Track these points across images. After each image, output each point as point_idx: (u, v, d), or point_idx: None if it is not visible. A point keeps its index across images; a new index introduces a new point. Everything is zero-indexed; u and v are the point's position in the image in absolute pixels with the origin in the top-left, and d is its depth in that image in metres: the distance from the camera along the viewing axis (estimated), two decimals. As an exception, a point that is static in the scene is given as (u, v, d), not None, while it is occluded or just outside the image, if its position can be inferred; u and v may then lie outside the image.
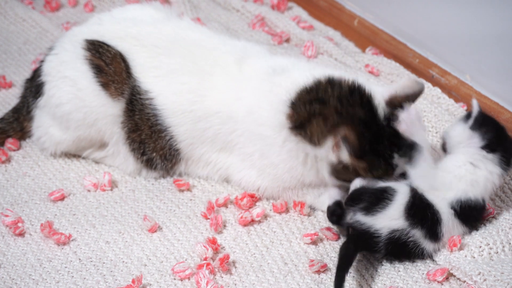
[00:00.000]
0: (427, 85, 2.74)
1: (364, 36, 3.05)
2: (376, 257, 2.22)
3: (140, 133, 2.41)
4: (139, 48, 2.41)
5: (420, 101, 2.66)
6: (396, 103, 2.23)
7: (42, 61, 2.54)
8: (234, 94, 2.35)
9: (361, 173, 2.23)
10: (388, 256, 2.20)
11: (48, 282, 2.19)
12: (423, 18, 2.83)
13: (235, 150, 2.39)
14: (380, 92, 2.25)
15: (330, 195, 2.32)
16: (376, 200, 2.15)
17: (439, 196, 2.17)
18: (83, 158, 2.57)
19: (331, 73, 2.30)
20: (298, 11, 3.30)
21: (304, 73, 2.32)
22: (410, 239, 2.15)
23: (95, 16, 2.56)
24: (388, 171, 2.23)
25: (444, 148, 2.26)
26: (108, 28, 2.46)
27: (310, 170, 2.32)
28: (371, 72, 2.87)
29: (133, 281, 2.14)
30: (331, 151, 2.23)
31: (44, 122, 2.52)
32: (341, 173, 2.26)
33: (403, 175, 2.21)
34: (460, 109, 2.66)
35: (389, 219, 2.14)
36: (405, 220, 2.14)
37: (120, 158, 2.50)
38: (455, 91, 2.74)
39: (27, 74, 2.76)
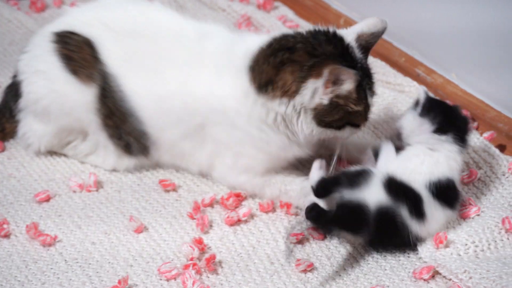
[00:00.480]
0: (413, 84, 2.75)
1: (350, 35, 3.05)
2: (360, 241, 2.21)
3: (115, 118, 2.41)
4: (107, 33, 2.40)
5: (405, 100, 2.67)
6: (363, 42, 2.27)
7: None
8: (194, 72, 2.33)
9: (349, 105, 2.20)
10: (373, 241, 2.19)
11: (33, 283, 2.18)
12: (409, 17, 2.84)
13: (204, 137, 2.37)
14: (347, 33, 2.26)
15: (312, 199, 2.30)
16: (356, 177, 2.17)
17: (413, 180, 2.19)
18: (69, 158, 2.57)
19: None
20: (284, 10, 3.29)
21: (258, 37, 2.32)
22: (396, 217, 2.15)
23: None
24: (368, 111, 2.26)
25: (399, 139, 2.28)
26: (76, 17, 2.47)
27: (282, 134, 2.28)
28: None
29: (119, 282, 2.14)
30: (321, 92, 2.18)
31: (28, 120, 2.53)
32: (326, 114, 2.21)
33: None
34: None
35: (374, 194, 2.15)
36: (388, 196, 2.15)
37: (101, 148, 2.50)
38: (441, 89, 2.74)
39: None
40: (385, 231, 2.18)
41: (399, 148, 2.27)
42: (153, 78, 2.36)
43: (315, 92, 2.19)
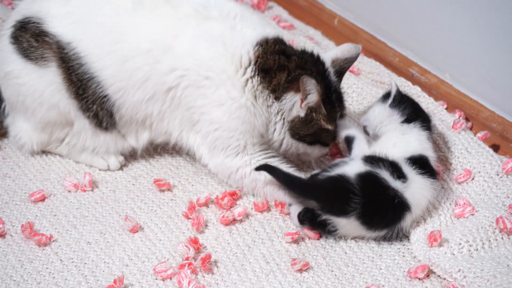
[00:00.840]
0: (407, 84, 2.75)
1: (344, 35, 3.06)
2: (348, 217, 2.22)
3: (82, 91, 2.38)
4: (50, 1, 2.39)
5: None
6: (337, 67, 2.38)
7: None
8: (170, 29, 2.32)
9: (321, 121, 2.32)
10: (365, 214, 2.20)
11: (29, 283, 2.18)
12: (403, 17, 2.84)
13: (179, 101, 2.36)
14: (326, 58, 2.38)
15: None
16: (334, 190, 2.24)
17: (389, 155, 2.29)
18: (63, 158, 2.56)
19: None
20: (278, 10, 3.30)
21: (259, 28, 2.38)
22: (380, 179, 2.20)
23: None
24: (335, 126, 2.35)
25: (366, 132, 2.40)
26: (23, 4, 2.46)
27: (260, 118, 2.34)
28: (351, 71, 2.87)
29: (114, 282, 2.14)
30: (298, 105, 2.31)
31: (17, 122, 2.53)
32: (301, 127, 2.33)
33: None
34: (440, 107, 2.66)
35: (353, 167, 2.23)
36: (366, 164, 2.23)
37: (86, 132, 2.47)
38: (435, 89, 2.75)
39: (7, 74, 2.75)
40: (373, 198, 2.20)
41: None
42: (111, 37, 2.33)
43: (294, 105, 2.32)
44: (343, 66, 2.40)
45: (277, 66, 2.31)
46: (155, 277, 2.19)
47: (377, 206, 2.21)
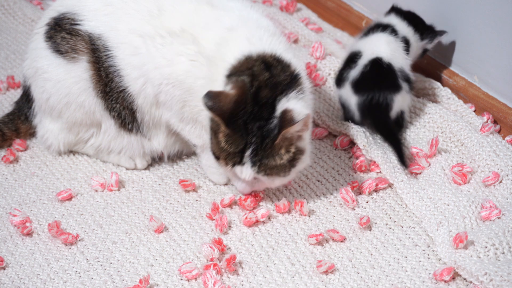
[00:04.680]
0: (437, 85, 2.74)
1: (372, 37, 3.05)
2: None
3: (108, 89, 2.40)
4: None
5: (425, 103, 2.66)
6: None
7: None
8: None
9: (217, 138, 2.22)
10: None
11: (55, 281, 2.19)
12: (430, 19, 2.83)
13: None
14: None
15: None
16: None
17: None
18: (91, 158, 2.58)
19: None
20: (307, 13, 3.29)
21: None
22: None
23: None
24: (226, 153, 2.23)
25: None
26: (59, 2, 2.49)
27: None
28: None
29: (140, 281, 2.15)
30: None
31: (44, 122, 2.55)
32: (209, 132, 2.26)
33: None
34: (468, 110, 2.65)
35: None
36: None
37: (111, 131, 2.49)
38: (463, 92, 2.73)
39: (36, 75, 2.78)
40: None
41: None
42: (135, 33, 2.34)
43: None
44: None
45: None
46: (180, 278, 2.19)
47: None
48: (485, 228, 2.23)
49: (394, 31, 2.63)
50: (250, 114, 2.18)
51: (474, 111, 2.67)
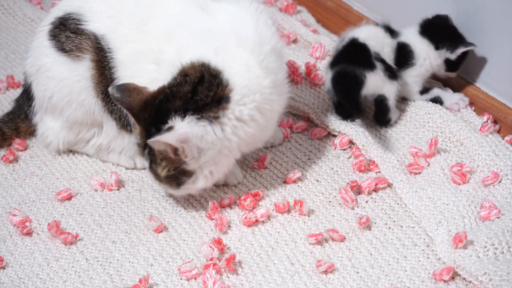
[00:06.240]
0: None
1: (372, 36, 3.05)
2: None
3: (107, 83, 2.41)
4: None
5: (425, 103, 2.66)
6: None
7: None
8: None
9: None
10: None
11: (55, 281, 2.20)
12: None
13: None
14: None
15: None
16: None
17: None
18: (90, 157, 2.58)
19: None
20: (306, 16, 3.28)
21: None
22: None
23: None
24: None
25: None
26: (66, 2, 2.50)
27: None
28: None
29: (140, 281, 2.15)
30: None
31: (44, 120, 2.55)
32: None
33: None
34: (468, 110, 2.65)
35: None
36: None
37: (112, 132, 2.50)
38: (463, 92, 2.73)
39: (35, 74, 2.78)
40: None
41: None
42: (136, 34, 2.36)
43: None
44: None
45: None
46: (179, 277, 2.19)
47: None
48: (484, 228, 2.23)
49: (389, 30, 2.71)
50: (152, 118, 2.22)
51: (474, 111, 2.67)
